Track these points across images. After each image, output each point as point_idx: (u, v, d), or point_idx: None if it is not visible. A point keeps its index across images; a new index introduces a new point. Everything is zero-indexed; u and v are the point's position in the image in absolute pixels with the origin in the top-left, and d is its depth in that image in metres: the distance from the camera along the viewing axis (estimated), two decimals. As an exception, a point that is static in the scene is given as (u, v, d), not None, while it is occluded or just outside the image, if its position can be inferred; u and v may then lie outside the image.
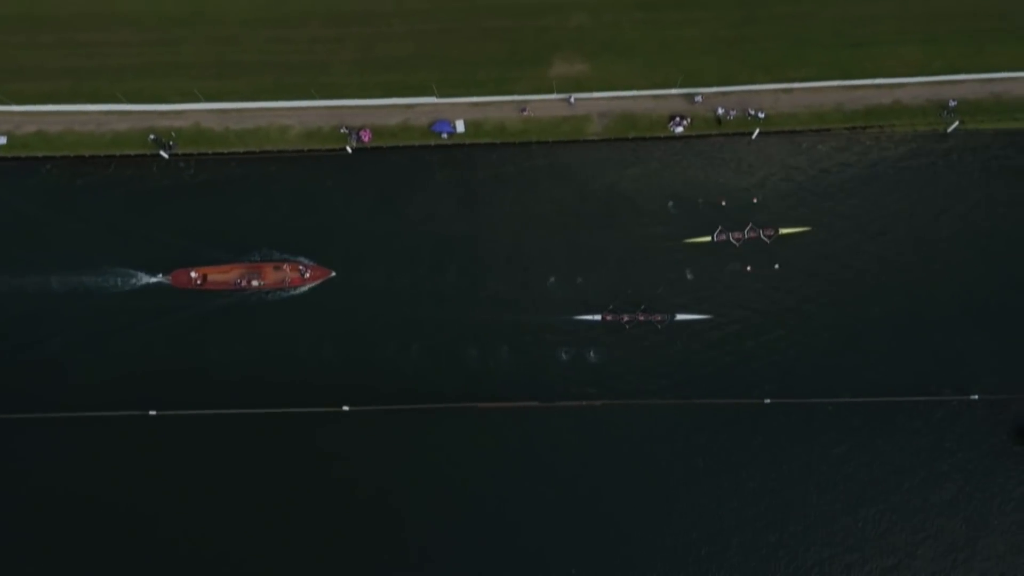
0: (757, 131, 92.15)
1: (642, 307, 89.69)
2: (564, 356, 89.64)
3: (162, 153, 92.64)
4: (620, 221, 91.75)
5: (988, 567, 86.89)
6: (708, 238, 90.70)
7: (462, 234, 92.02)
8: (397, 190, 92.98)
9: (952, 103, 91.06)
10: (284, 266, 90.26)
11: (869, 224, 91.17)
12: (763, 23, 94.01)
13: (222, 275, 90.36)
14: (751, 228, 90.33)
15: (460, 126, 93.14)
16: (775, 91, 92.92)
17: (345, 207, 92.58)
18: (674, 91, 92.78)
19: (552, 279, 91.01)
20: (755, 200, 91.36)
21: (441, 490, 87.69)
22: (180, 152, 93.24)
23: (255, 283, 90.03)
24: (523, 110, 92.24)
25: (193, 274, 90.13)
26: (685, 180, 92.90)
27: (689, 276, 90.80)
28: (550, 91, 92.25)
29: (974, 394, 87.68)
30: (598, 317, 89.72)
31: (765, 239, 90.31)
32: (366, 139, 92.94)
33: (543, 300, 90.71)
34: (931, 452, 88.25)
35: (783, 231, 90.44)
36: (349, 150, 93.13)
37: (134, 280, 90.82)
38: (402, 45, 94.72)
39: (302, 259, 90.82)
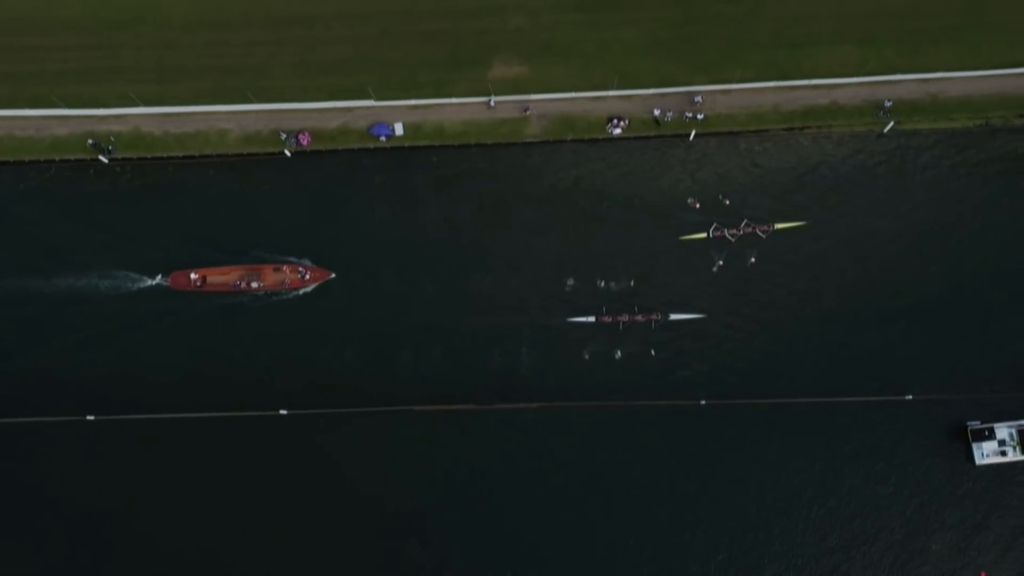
0: (694, 133, 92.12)
1: (635, 307, 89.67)
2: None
3: (101, 158, 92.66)
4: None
5: (926, 567, 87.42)
6: (704, 235, 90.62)
7: (401, 236, 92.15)
8: (335, 193, 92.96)
9: (888, 103, 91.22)
10: (284, 268, 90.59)
11: (819, 225, 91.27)
12: (701, 24, 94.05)
13: (221, 277, 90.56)
14: (747, 224, 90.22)
15: (399, 129, 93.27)
16: (713, 92, 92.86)
17: (284, 210, 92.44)
18: (612, 92, 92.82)
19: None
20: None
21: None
22: (119, 156, 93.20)
23: (254, 285, 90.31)
24: (526, 109, 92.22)
25: (193, 276, 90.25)
26: (635, 182, 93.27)
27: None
28: (487, 93, 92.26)
29: (908, 394, 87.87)
30: (592, 319, 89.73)
31: (761, 235, 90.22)
32: (305, 142, 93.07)
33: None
34: (869, 452, 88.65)
35: (779, 226, 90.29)
36: (288, 154, 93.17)
37: (134, 282, 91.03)
38: (341, 48, 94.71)
39: (304, 260, 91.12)
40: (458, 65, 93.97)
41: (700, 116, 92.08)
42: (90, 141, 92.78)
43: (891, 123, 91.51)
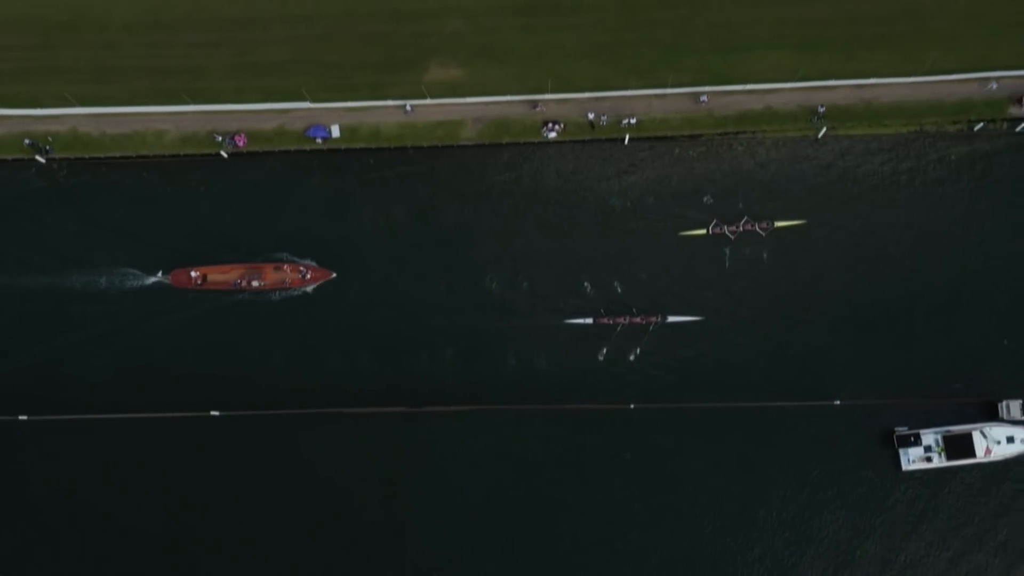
0: (628, 137, 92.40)
1: (634, 309, 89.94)
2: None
3: (38, 158, 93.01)
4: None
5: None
6: (704, 231, 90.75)
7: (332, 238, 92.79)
8: (271, 194, 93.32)
9: (821, 108, 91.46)
10: (284, 267, 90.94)
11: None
12: (638, 28, 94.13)
13: (222, 275, 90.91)
14: (746, 221, 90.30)
15: (335, 131, 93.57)
16: (648, 96, 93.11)
17: (217, 212, 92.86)
18: (548, 96, 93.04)
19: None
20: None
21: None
22: (57, 156, 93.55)
23: (255, 283, 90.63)
24: (535, 107, 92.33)
25: (193, 274, 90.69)
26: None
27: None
28: (423, 96, 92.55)
29: (836, 399, 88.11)
30: (591, 320, 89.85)
31: (760, 232, 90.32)
32: (241, 144, 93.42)
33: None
34: (799, 458, 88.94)
35: (779, 224, 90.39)
36: (224, 155, 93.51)
37: (133, 280, 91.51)
38: (280, 50, 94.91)
39: (306, 260, 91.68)
40: (395, 68, 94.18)
41: (634, 120, 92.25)
42: (27, 141, 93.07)
43: (824, 128, 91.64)
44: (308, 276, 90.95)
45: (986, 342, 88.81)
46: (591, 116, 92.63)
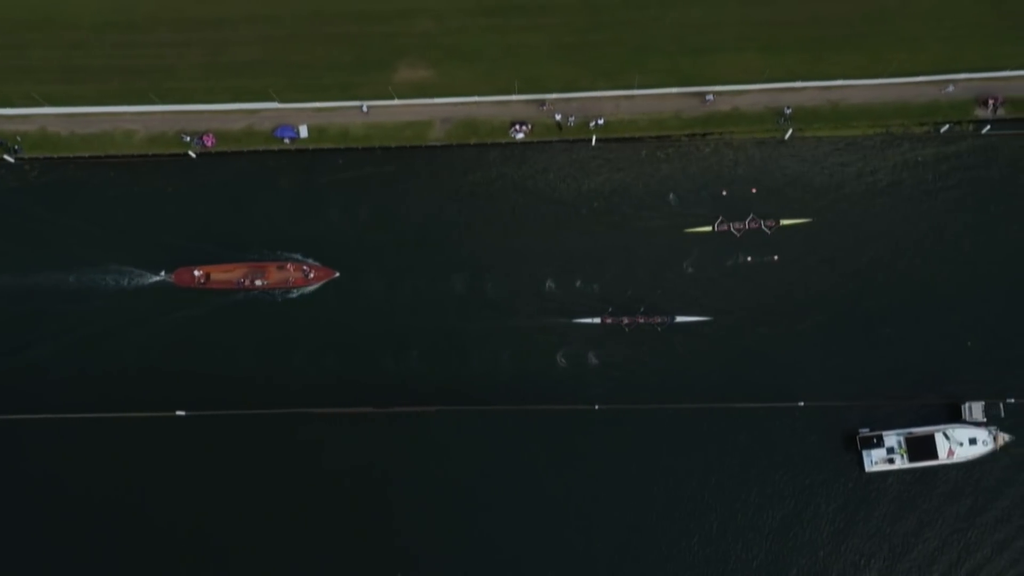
0: (595, 138, 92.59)
1: (641, 309, 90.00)
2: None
3: (7, 157, 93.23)
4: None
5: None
6: (709, 228, 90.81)
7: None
8: (239, 194, 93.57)
9: (787, 110, 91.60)
10: (288, 266, 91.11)
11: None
12: (606, 29, 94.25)
13: (225, 274, 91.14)
14: (752, 219, 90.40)
15: (303, 131, 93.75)
16: (616, 97, 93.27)
17: (186, 212, 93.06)
18: (516, 97, 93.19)
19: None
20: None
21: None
22: (26, 156, 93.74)
23: (258, 282, 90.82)
24: (543, 105, 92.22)
25: (196, 272, 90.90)
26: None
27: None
28: (391, 97, 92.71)
29: (800, 400, 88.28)
30: (597, 320, 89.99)
31: (766, 230, 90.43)
32: (209, 144, 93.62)
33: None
34: (764, 459, 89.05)
35: (784, 222, 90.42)
36: (192, 155, 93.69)
37: (136, 278, 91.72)
38: (249, 50, 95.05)
39: (309, 259, 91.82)
40: (364, 68, 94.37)
41: (601, 121, 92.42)
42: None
43: (790, 130, 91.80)
44: (311, 275, 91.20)
45: (950, 344, 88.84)
46: (558, 117, 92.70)
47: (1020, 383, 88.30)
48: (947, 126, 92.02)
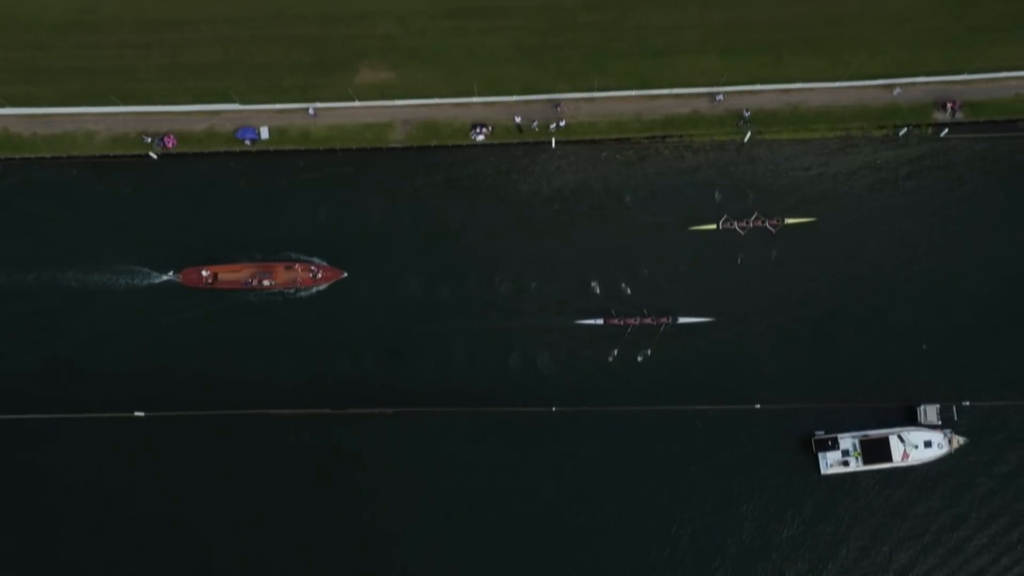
0: (554, 140, 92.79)
1: (644, 310, 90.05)
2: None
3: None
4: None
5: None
6: (714, 226, 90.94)
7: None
8: (201, 195, 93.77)
9: (747, 113, 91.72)
10: (296, 266, 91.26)
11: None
12: (567, 32, 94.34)
13: (233, 274, 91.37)
14: (756, 217, 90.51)
15: (264, 132, 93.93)
16: (576, 100, 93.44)
17: (148, 212, 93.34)
18: (476, 99, 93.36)
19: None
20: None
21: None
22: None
23: (266, 283, 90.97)
24: (557, 106, 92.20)
25: (204, 272, 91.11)
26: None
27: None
28: (351, 99, 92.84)
29: (757, 403, 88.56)
30: (600, 321, 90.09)
31: (770, 229, 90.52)
32: (170, 145, 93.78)
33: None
34: (719, 462, 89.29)
35: (789, 221, 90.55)
36: (154, 156, 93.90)
37: (144, 278, 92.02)
38: (211, 51, 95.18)
39: (316, 259, 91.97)
40: (325, 70, 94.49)
41: (562, 123, 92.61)
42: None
43: (749, 133, 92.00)
44: (319, 276, 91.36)
45: (907, 347, 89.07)
46: (518, 119, 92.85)
47: (976, 386, 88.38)
48: (905, 129, 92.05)
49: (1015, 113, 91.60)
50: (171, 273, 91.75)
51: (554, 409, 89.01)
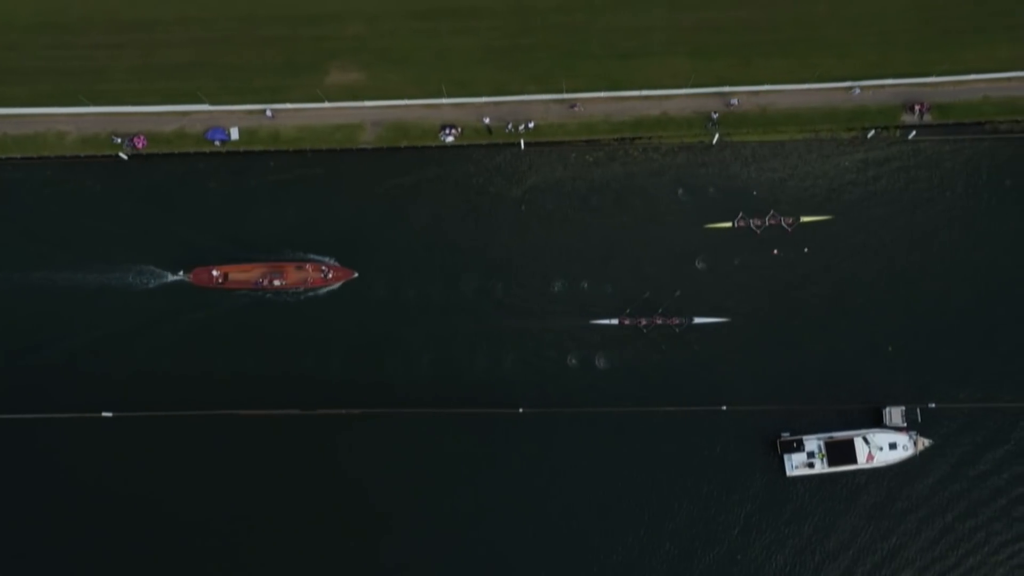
0: (523, 142, 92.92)
1: (660, 310, 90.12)
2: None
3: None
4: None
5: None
6: (729, 224, 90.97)
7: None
8: (168, 195, 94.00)
9: (715, 115, 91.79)
10: (306, 266, 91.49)
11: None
12: (537, 33, 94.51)
13: (243, 274, 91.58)
14: (772, 215, 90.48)
15: (235, 133, 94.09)
16: (546, 101, 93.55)
17: (122, 213, 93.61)
18: (445, 100, 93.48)
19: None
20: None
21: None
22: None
23: (276, 282, 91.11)
24: (573, 106, 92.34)
25: (215, 272, 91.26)
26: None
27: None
28: (321, 100, 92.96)
29: (724, 405, 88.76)
30: (615, 321, 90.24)
31: (786, 227, 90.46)
32: (140, 146, 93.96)
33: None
34: (686, 464, 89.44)
35: (804, 219, 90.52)
36: (124, 157, 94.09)
37: (155, 278, 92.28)
38: (181, 52, 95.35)
39: (326, 259, 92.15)
40: (295, 71, 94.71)
41: (531, 125, 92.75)
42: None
43: (717, 135, 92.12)
44: (330, 276, 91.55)
45: (872, 349, 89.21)
46: (487, 121, 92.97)
47: (941, 388, 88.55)
48: (874, 131, 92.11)
49: (983, 115, 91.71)
50: (181, 273, 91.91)
51: (521, 411, 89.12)
